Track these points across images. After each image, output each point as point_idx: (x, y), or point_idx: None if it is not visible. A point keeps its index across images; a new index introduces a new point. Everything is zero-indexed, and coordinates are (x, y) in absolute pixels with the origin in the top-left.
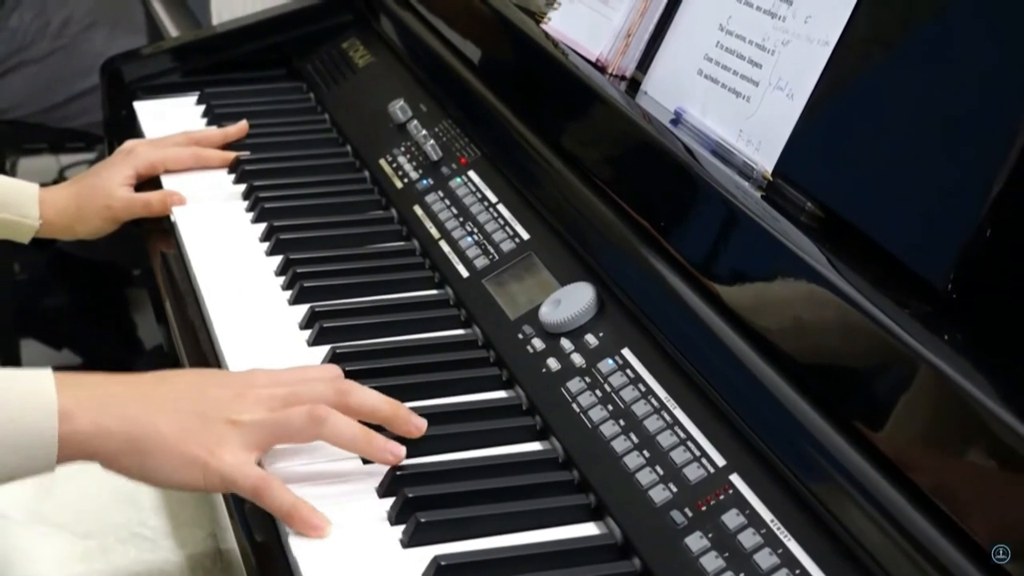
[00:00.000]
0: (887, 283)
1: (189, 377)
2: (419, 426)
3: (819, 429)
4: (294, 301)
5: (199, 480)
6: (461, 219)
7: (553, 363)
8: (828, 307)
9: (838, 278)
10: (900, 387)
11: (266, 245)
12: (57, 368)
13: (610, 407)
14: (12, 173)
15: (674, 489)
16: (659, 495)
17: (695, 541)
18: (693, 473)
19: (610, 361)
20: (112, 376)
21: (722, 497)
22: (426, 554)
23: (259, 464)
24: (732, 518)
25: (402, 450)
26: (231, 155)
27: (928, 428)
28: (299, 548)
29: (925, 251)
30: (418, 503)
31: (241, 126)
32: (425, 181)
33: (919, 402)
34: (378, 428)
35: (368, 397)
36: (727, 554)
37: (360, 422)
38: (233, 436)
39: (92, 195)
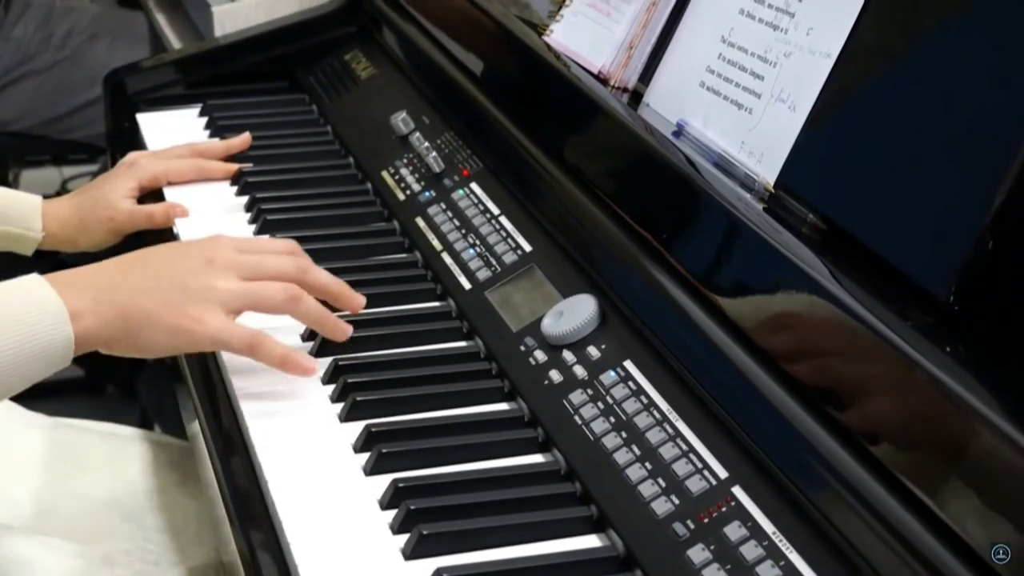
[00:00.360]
0: (889, 295)
1: (160, 253)
2: (360, 303)
3: (821, 441)
4: None
5: (188, 343)
6: (463, 231)
7: (555, 375)
8: (830, 319)
9: (840, 290)
10: (902, 398)
11: None
12: (60, 381)
13: (612, 419)
14: (15, 185)
15: (676, 501)
16: (661, 507)
17: (697, 553)
18: (695, 485)
19: (612, 373)
20: (93, 267)
21: (724, 509)
22: (428, 566)
23: None
24: (734, 530)
25: (350, 328)
26: (234, 167)
27: (930, 439)
28: (301, 557)
29: (927, 263)
30: (420, 515)
31: (244, 138)
32: (427, 193)
33: (921, 413)
34: None
35: (322, 275)
36: (729, 566)
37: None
38: (211, 301)
39: (95, 208)
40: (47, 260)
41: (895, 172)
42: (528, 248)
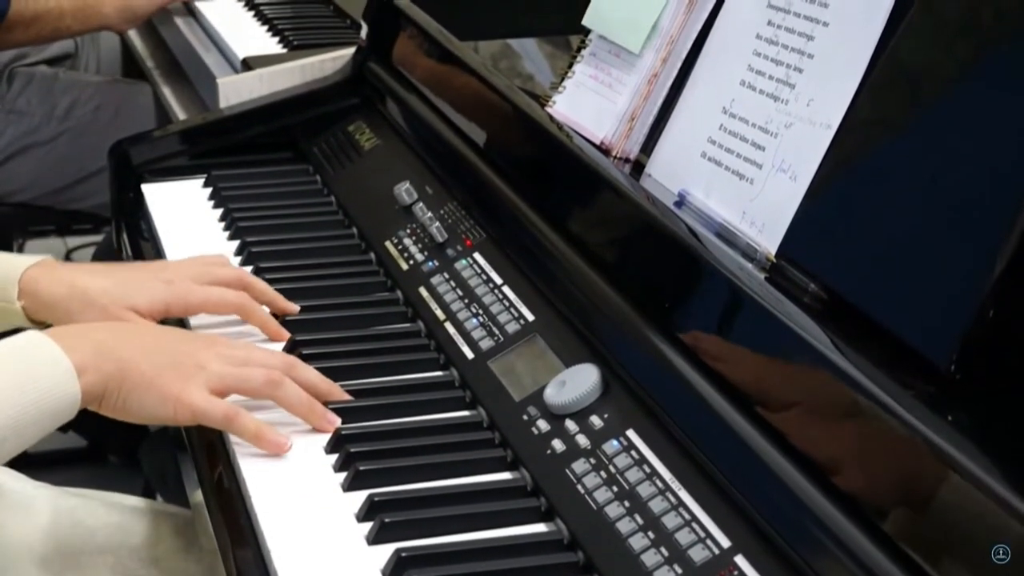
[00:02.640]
0: (890, 364)
1: (161, 328)
2: (344, 398)
3: (823, 509)
4: None
5: (171, 413)
6: (466, 301)
7: (558, 444)
8: (832, 388)
9: (841, 359)
10: (904, 468)
11: None
12: (64, 451)
13: (615, 488)
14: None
15: (679, 570)
16: None
17: None
18: (698, 554)
19: (615, 442)
20: (96, 325)
21: None
22: None
23: None
24: None
25: (338, 419)
26: (283, 333)
27: (932, 508)
28: None
29: (928, 331)
30: None
31: (293, 307)
32: (430, 263)
33: (923, 484)
34: None
35: (310, 373)
36: None
37: None
38: (200, 378)
39: (106, 308)
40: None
41: (895, 242)
42: (531, 317)
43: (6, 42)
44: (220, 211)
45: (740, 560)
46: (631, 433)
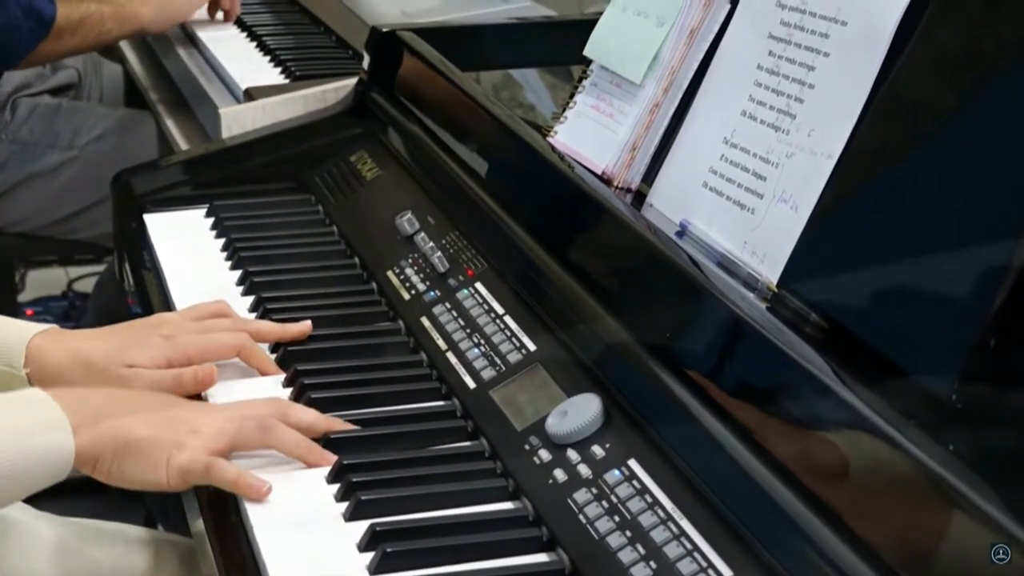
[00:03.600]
0: (892, 393)
1: (157, 395)
2: (347, 428)
3: (825, 540)
4: None
5: (163, 480)
6: (468, 330)
7: (560, 474)
8: (833, 417)
9: (843, 388)
10: (906, 498)
11: (273, 357)
12: (67, 481)
13: (616, 518)
14: (21, 286)
15: None
16: None
17: None
18: None
19: (616, 472)
20: (97, 390)
21: None
22: None
23: None
24: None
25: (334, 457)
26: (276, 369)
27: (934, 539)
28: None
29: (929, 361)
30: None
31: (304, 327)
32: (432, 293)
33: (925, 513)
34: None
35: (305, 414)
36: None
37: None
38: (193, 442)
39: (107, 369)
40: None
41: (897, 271)
42: (532, 347)
43: (56, 51)
44: (222, 241)
45: None
46: (632, 463)
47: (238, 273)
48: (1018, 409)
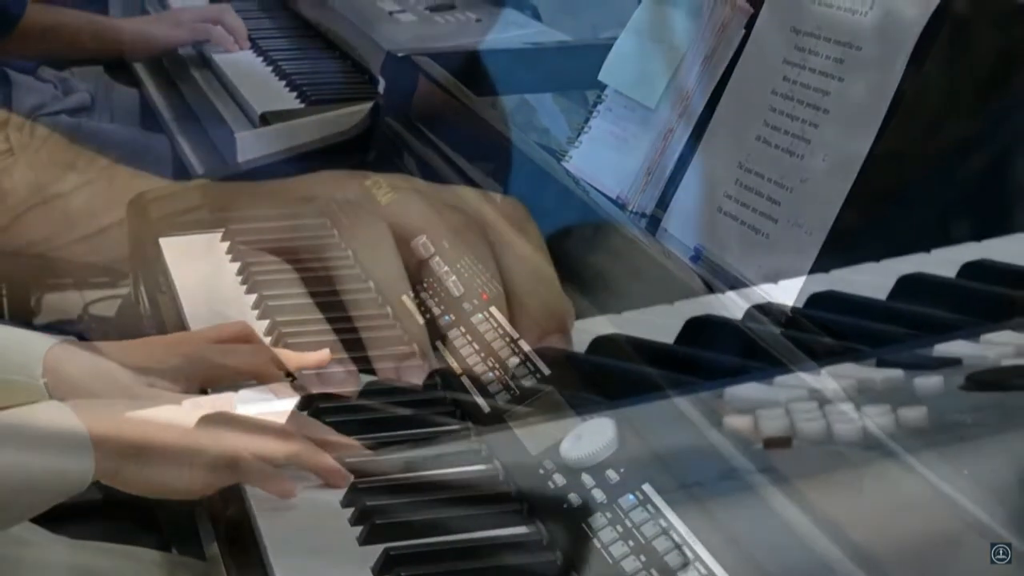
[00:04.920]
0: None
1: (180, 400)
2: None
3: (839, 564)
4: None
5: (186, 482)
6: (483, 355)
7: (574, 498)
8: (847, 439)
9: (856, 412)
10: (920, 520)
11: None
12: (79, 504)
13: (631, 542)
14: (37, 309)
15: None
16: None
17: None
18: None
19: (631, 497)
20: (117, 401)
21: None
22: None
23: None
24: None
25: (351, 476)
26: (292, 394)
27: (949, 563)
28: None
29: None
30: None
31: (321, 356)
32: (447, 317)
33: (939, 534)
34: None
35: (323, 432)
36: None
37: None
38: (219, 443)
39: (128, 390)
40: None
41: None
42: (547, 371)
43: (18, 50)
44: (238, 264)
45: None
46: (647, 487)
47: (253, 296)
48: None
